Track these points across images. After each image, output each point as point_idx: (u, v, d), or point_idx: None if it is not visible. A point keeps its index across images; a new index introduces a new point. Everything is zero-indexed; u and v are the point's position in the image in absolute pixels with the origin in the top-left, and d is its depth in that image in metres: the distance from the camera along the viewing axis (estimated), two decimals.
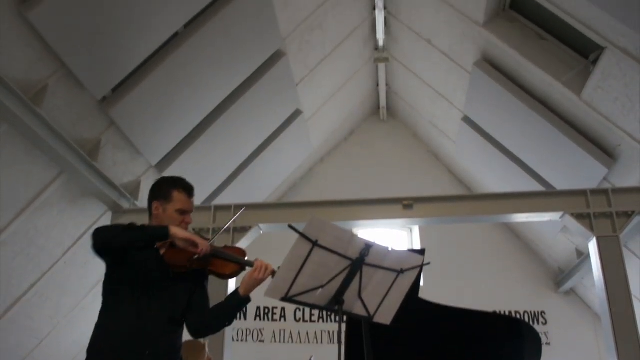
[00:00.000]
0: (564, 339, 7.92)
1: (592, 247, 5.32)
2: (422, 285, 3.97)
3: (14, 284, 5.35)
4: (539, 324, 8.04)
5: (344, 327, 3.11)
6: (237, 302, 2.88)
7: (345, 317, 2.79)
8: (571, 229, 5.77)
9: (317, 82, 7.64)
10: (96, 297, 5.01)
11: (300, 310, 8.18)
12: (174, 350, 2.84)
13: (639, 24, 4.35)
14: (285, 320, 8.21)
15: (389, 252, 2.67)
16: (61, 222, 5.48)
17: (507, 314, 7.97)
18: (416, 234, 8.74)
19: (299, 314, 8.21)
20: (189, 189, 3.04)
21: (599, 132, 5.77)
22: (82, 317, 6.23)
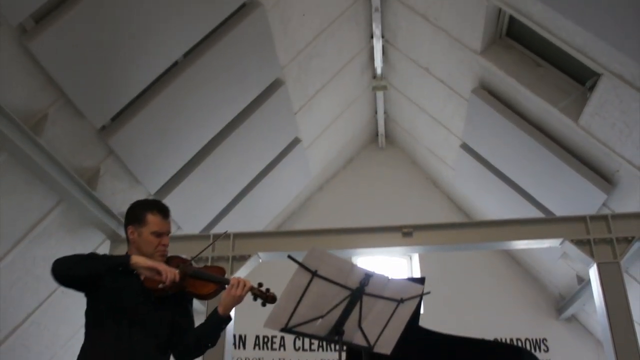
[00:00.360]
0: None
1: (593, 273, 5.30)
2: (422, 312, 3.95)
3: (11, 313, 5.31)
4: (540, 351, 7.96)
5: (344, 357, 3.08)
6: (217, 321, 2.83)
7: (345, 347, 2.77)
8: (571, 255, 5.75)
9: (315, 111, 7.67)
10: None
11: (299, 339, 8.10)
12: None
13: (635, 51, 4.38)
14: (284, 349, 8.13)
15: (388, 281, 2.66)
16: (59, 251, 5.45)
17: (508, 341, 7.92)
18: (416, 261, 8.70)
19: (299, 343, 8.14)
20: (163, 210, 3.00)
21: (597, 158, 5.78)
22: (79, 347, 6.15)
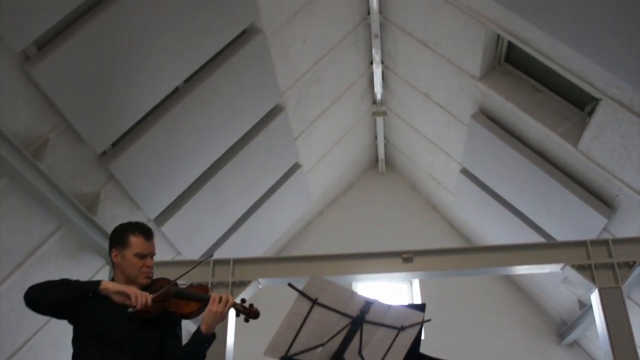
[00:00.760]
0: None
1: (594, 298, 5.26)
2: (423, 338, 3.92)
3: (9, 338, 5.27)
4: None
5: None
6: (200, 340, 2.80)
7: None
8: (572, 280, 5.73)
9: (315, 136, 7.70)
10: None
11: None
12: None
13: (632, 76, 4.41)
14: None
15: (389, 309, 2.65)
16: (59, 276, 5.34)
17: None
18: (416, 286, 8.65)
19: None
20: (146, 232, 3.00)
21: (597, 182, 5.79)
22: None
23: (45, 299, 2.72)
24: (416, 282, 8.66)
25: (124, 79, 4.75)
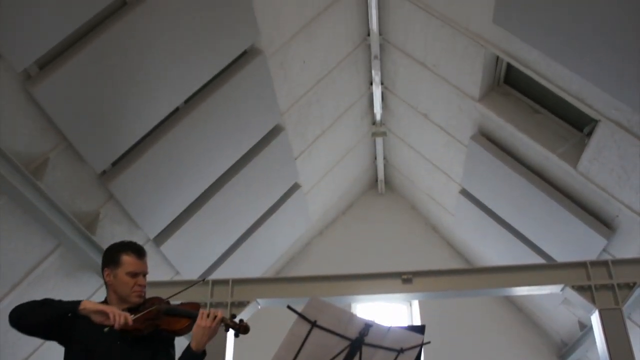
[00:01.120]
0: None
1: (595, 320, 5.23)
2: None
3: (8, 357, 5.24)
4: None
5: None
6: (190, 356, 2.79)
7: None
8: (572, 301, 5.70)
9: (315, 156, 7.71)
10: None
11: None
12: None
13: (631, 97, 4.44)
14: None
15: (388, 331, 2.63)
16: (57, 295, 5.34)
17: None
18: (416, 307, 8.62)
19: None
20: (138, 251, 3.01)
21: (597, 203, 5.79)
22: None
23: (25, 319, 2.74)
24: (416, 303, 8.62)
25: (124, 99, 4.78)
